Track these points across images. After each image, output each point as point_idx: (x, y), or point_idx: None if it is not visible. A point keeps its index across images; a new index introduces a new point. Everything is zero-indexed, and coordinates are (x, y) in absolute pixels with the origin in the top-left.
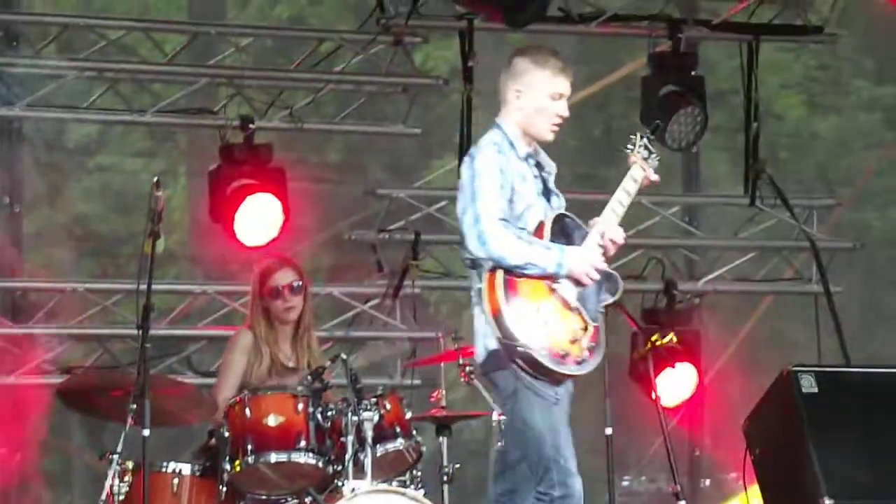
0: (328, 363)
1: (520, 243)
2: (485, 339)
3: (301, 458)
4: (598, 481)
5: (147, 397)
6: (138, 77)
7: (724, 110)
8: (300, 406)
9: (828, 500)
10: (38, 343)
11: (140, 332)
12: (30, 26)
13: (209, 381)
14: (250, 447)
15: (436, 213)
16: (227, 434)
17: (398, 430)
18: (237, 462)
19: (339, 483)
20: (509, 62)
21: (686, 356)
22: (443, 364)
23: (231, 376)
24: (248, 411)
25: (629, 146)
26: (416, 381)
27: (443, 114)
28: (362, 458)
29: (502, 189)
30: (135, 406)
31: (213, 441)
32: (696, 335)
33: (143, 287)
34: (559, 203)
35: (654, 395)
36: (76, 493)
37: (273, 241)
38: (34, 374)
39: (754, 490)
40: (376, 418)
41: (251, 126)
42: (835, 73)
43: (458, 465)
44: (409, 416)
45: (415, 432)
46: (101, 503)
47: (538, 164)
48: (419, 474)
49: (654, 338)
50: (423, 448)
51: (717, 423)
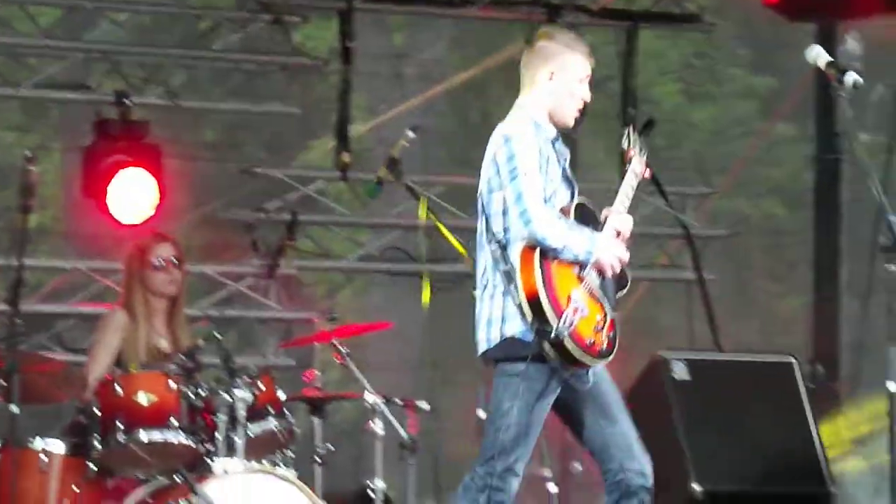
0: (201, 342)
1: (563, 225)
2: (502, 325)
3: (173, 437)
4: None
5: (16, 373)
6: (13, 50)
7: (602, 97)
8: (172, 385)
9: (696, 486)
10: None
11: (10, 307)
12: None
13: (80, 358)
14: (121, 426)
15: (313, 193)
16: (97, 412)
17: (271, 410)
18: (107, 440)
19: (211, 462)
20: (534, 43)
21: None
22: (317, 344)
23: (103, 355)
24: (119, 389)
25: (625, 142)
26: (290, 362)
27: (322, 94)
28: (234, 438)
29: (541, 169)
30: (4, 382)
31: (82, 418)
32: None
33: (15, 262)
34: (576, 190)
35: None
36: None
37: (149, 219)
38: None
39: None
40: (250, 398)
41: (126, 102)
42: (711, 61)
43: (330, 446)
44: (282, 396)
45: (288, 413)
46: None
47: (559, 150)
48: (292, 455)
49: None
50: (296, 429)
51: None
